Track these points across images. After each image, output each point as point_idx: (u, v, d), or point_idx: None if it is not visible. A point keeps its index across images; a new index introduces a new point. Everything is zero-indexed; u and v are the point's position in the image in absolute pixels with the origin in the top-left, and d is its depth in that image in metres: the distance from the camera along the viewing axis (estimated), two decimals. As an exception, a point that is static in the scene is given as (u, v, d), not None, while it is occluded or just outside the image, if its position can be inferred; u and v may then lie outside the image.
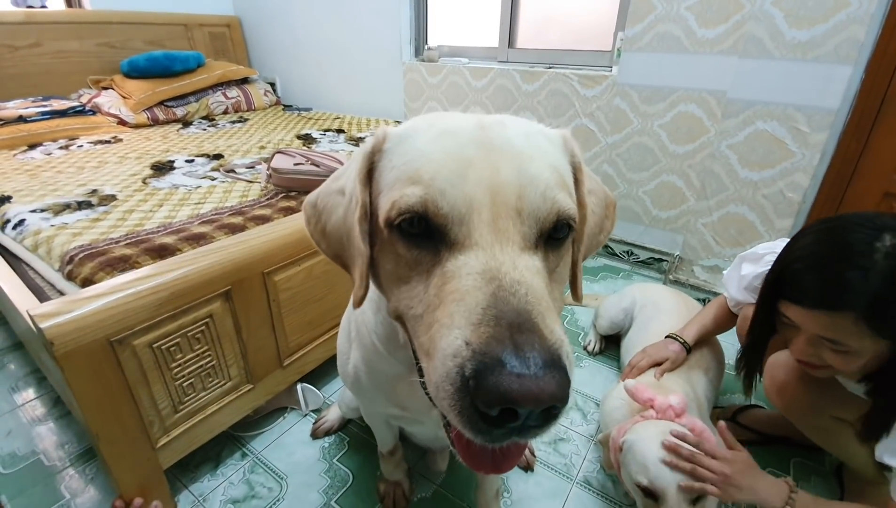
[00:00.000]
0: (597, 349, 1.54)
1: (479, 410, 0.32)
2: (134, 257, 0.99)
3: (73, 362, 0.79)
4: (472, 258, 0.36)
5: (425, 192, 0.38)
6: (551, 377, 0.31)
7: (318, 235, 0.53)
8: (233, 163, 1.70)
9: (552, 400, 0.31)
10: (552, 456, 1.18)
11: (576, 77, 1.96)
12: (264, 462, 1.16)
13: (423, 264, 0.40)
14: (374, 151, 0.46)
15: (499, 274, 0.35)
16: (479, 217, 0.37)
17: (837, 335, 0.69)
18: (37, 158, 1.80)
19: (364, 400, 0.79)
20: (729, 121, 1.58)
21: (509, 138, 0.42)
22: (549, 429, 0.34)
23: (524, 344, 0.31)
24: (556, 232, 0.41)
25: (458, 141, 0.41)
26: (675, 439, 0.80)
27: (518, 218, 0.38)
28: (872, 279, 0.64)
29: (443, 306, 0.36)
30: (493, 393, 0.30)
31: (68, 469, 1.14)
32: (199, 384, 1.02)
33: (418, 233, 0.39)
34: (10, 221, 1.23)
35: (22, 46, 2.32)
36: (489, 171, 0.39)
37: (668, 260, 1.98)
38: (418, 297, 0.40)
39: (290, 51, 3.00)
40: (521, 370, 0.30)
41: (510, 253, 0.37)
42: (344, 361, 0.73)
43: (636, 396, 0.89)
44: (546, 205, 0.39)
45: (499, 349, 0.31)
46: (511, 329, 0.32)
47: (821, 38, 1.37)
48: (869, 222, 0.68)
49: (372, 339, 0.63)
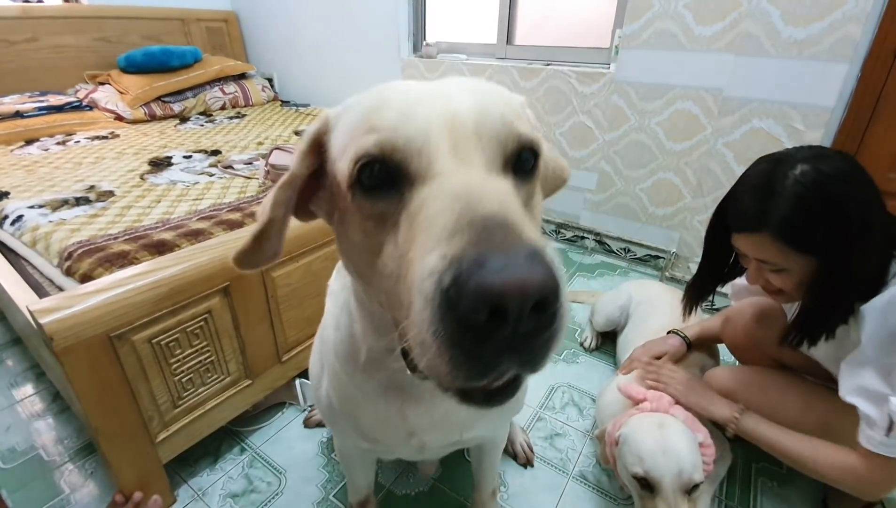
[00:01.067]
0: (593, 345, 1.55)
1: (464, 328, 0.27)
2: (133, 252, 1.00)
3: (73, 357, 0.80)
4: (437, 186, 0.33)
5: (379, 134, 0.36)
6: (536, 266, 0.27)
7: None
8: (230, 159, 1.70)
9: (541, 290, 0.27)
10: (548, 451, 1.19)
11: (574, 74, 1.96)
12: (263, 457, 1.17)
13: (389, 216, 0.36)
14: (321, 130, 0.44)
15: (468, 189, 0.32)
16: (438, 146, 0.35)
17: (766, 255, 0.78)
18: (34, 154, 1.80)
19: (337, 431, 0.75)
20: (725, 119, 1.58)
21: (462, 82, 0.41)
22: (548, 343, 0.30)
23: (502, 241, 0.28)
24: (521, 162, 0.39)
25: (407, 88, 0.40)
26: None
27: (479, 142, 0.36)
28: (781, 203, 0.73)
29: (414, 244, 0.32)
30: (476, 291, 0.26)
31: (68, 463, 1.14)
32: (198, 380, 1.03)
33: (381, 184, 0.37)
34: (8, 216, 1.23)
35: (18, 41, 2.30)
36: (442, 102, 0.37)
37: (665, 257, 2.00)
38: (391, 256, 0.36)
39: (288, 46, 2.99)
40: (504, 261, 0.27)
41: (476, 175, 0.34)
42: (316, 384, 0.70)
43: (628, 392, 0.90)
44: (506, 128, 0.37)
45: (475, 251, 0.27)
46: (487, 232, 0.28)
47: (817, 36, 1.38)
48: (794, 155, 0.77)
49: (332, 359, 0.61)
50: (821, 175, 0.72)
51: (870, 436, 0.75)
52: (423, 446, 0.65)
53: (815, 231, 0.73)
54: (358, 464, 0.89)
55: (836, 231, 0.72)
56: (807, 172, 0.73)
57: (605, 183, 2.07)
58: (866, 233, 0.71)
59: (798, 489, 1.09)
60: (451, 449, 0.81)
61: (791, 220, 0.73)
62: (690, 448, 0.81)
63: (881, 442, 0.73)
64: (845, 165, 0.73)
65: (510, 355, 0.29)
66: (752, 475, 1.13)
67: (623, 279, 1.98)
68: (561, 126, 2.09)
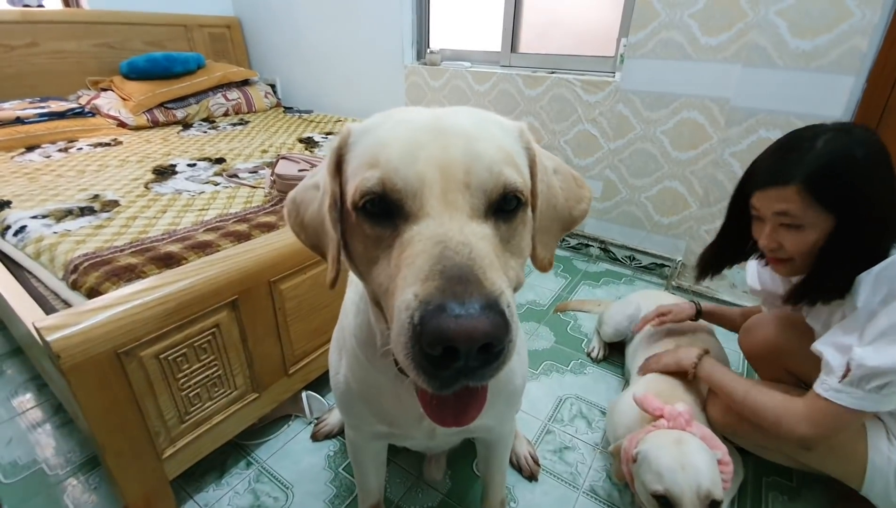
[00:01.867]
0: (600, 355, 1.54)
1: (427, 356, 0.35)
2: (140, 265, 0.98)
3: (80, 374, 0.78)
4: (424, 227, 0.40)
5: (382, 173, 0.42)
6: (485, 317, 0.34)
7: (298, 227, 0.57)
8: (235, 168, 1.69)
9: (486, 337, 0.34)
10: (558, 465, 1.18)
11: (578, 82, 1.96)
12: (269, 471, 1.15)
13: (385, 239, 0.44)
14: (341, 145, 0.50)
15: (445, 238, 0.39)
16: (430, 191, 0.41)
17: (788, 207, 0.80)
18: (35, 161, 1.78)
19: (353, 418, 0.78)
20: (732, 129, 1.58)
21: (460, 123, 0.46)
22: (494, 370, 0.38)
23: (463, 292, 0.35)
24: (505, 204, 0.44)
25: (412, 127, 0.45)
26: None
27: (466, 191, 0.42)
28: (811, 158, 0.78)
29: (400, 273, 0.40)
30: (433, 334, 0.34)
31: (71, 478, 1.13)
32: (205, 394, 1.02)
33: (380, 212, 0.44)
34: (11, 227, 1.22)
35: (18, 46, 2.29)
36: (439, 151, 0.42)
37: (671, 266, 1.99)
38: (385, 272, 0.43)
39: (291, 52, 2.98)
40: (459, 311, 0.34)
41: (458, 221, 0.40)
42: (335, 373, 0.74)
43: (645, 406, 0.90)
44: (492, 178, 0.43)
45: (440, 298, 0.35)
46: (452, 282, 0.36)
47: (824, 48, 1.38)
48: (824, 125, 0.82)
49: (353, 343, 0.66)
50: (850, 140, 0.78)
51: (824, 381, 0.79)
52: (434, 430, 0.70)
53: (840, 189, 0.77)
54: (370, 461, 0.90)
55: (859, 194, 0.77)
56: (838, 136, 0.78)
57: (609, 191, 2.07)
58: (885, 203, 0.77)
59: (809, 503, 1.08)
60: (461, 437, 0.90)
61: (820, 173, 0.77)
62: (710, 465, 0.80)
63: (832, 387, 0.77)
64: (872, 137, 0.79)
65: (463, 377, 0.37)
66: (762, 489, 1.12)
67: (628, 288, 1.98)
68: (566, 134, 2.08)
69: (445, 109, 0.50)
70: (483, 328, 0.34)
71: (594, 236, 2.18)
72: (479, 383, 0.39)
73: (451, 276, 0.36)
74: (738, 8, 1.54)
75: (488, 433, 0.83)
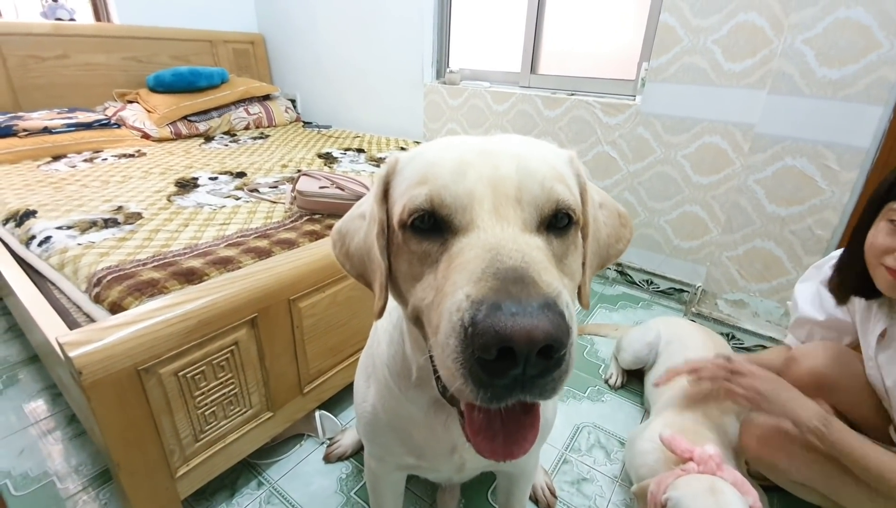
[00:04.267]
0: (619, 383, 1.50)
1: (480, 361, 0.32)
2: (162, 281, 0.98)
3: (100, 390, 0.78)
4: (475, 237, 0.39)
5: (431, 189, 0.41)
6: (545, 316, 0.32)
7: (343, 257, 0.57)
8: (256, 182, 1.71)
9: (547, 338, 0.31)
10: (576, 497, 1.14)
11: (598, 105, 1.96)
12: (280, 492, 1.13)
13: (432, 254, 0.42)
14: (389, 173, 0.50)
15: (498, 246, 0.37)
16: (481, 206, 0.40)
17: None
18: (61, 171, 1.81)
19: (378, 448, 0.75)
20: (757, 156, 1.56)
21: (511, 145, 0.45)
22: (555, 383, 0.35)
23: (520, 291, 0.33)
24: (556, 221, 0.43)
25: (461, 150, 0.45)
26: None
27: (518, 205, 0.41)
28: None
29: (449, 279, 0.38)
30: (488, 332, 0.31)
31: (81, 493, 1.11)
32: (221, 413, 1.00)
33: (428, 229, 0.42)
34: (36, 237, 1.23)
35: (49, 58, 2.35)
36: (489, 168, 0.42)
37: (690, 291, 1.96)
38: (430, 285, 0.42)
39: (312, 68, 3.04)
40: (516, 309, 0.31)
41: (511, 232, 0.39)
42: (361, 401, 0.72)
43: (673, 447, 0.86)
44: (544, 193, 0.42)
45: (495, 297, 0.33)
46: (508, 281, 0.34)
47: (851, 78, 1.36)
48: None
49: (385, 373, 0.64)
50: None
51: None
52: (464, 464, 0.67)
53: None
54: (388, 491, 0.88)
55: None
56: None
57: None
58: None
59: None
60: (487, 469, 0.85)
61: None
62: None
63: None
64: None
65: (519, 389, 0.34)
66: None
67: (646, 312, 1.94)
68: (584, 156, 2.08)
69: (496, 135, 0.49)
70: (544, 327, 0.31)
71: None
72: (538, 398, 0.35)
73: (506, 277, 0.34)
74: (763, 35, 1.54)
75: (514, 466, 0.80)
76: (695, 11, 1.63)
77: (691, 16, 1.64)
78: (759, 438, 0.94)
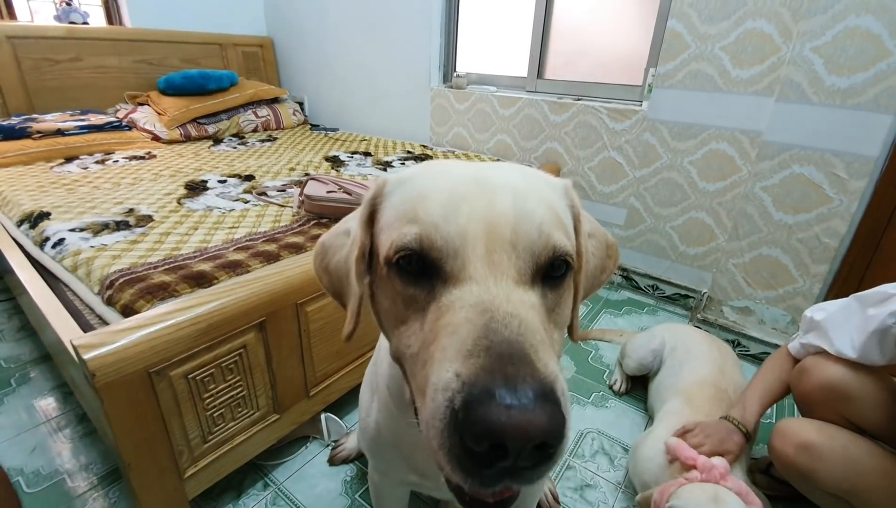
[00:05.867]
0: (623, 389, 1.51)
1: (468, 448, 0.30)
2: (173, 284, 1.00)
3: (113, 392, 0.79)
4: (466, 292, 0.36)
5: (421, 229, 0.38)
6: (542, 411, 0.29)
7: (322, 271, 0.55)
8: (264, 185, 1.72)
9: (543, 435, 0.29)
10: (579, 504, 1.15)
11: (605, 110, 1.97)
12: (286, 494, 1.14)
13: (418, 301, 0.40)
14: (376, 196, 0.48)
15: (492, 307, 0.35)
16: (474, 251, 0.37)
17: None
18: (73, 172, 1.84)
19: (381, 463, 0.74)
20: (764, 163, 1.56)
21: (506, 176, 0.43)
22: (544, 472, 0.32)
23: (515, 376, 0.30)
24: (553, 270, 0.41)
25: (454, 179, 0.42)
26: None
27: (513, 251, 0.38)
28: None
29: (436, 341, 0.35)
30: (480, 426, 0.29)
31: (91, 491, 1.13)
32: (229, 415, 1.02)
33: (415, 271, 0.40)
34: (50, 239, 1.25)
35: (62, 60, 2.39)
36: (484, 204, 0.39)
37: (695, 297, 1.95)
38: (415, 335, 0.39)
39: (320, 71, 3.06)
40: (511, 401, 0.29)
41: (504, 287, 0.36)
42: (365, 415, 0.70)
43: (678, 454, 0.87)
44: (542, 240, 0.39)
45: (488, 381, 0.30)
46: (502, 360, 0.31)
47: (861, 87, 1.36)
48: None
49: (385, 393, 0.62)
50: None
51: None
52: None
53: None
54: (392, 504, 0.87)
55: None
56: None
57: (634, 219, 2.05)
58: None
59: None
60: None
61: None
62: (746, 523, 0.77)
63: None
64: None
65: (508, 477, 0.31)
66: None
67: (651, 318, 1.94)
68: (590, 161, 2.08)
69: (489, 163, 0.47)
70: (540, 425, 0.29)
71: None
72: (525, 485, 0.33)
73: (501, 354, 0.31)
74: (771, 42, 1.54)
75: None
76: (703, 18, 1.63)
77: (699, 22, 1.64)
78: (797, 446, 0.91)
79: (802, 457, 0.90)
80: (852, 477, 0.85)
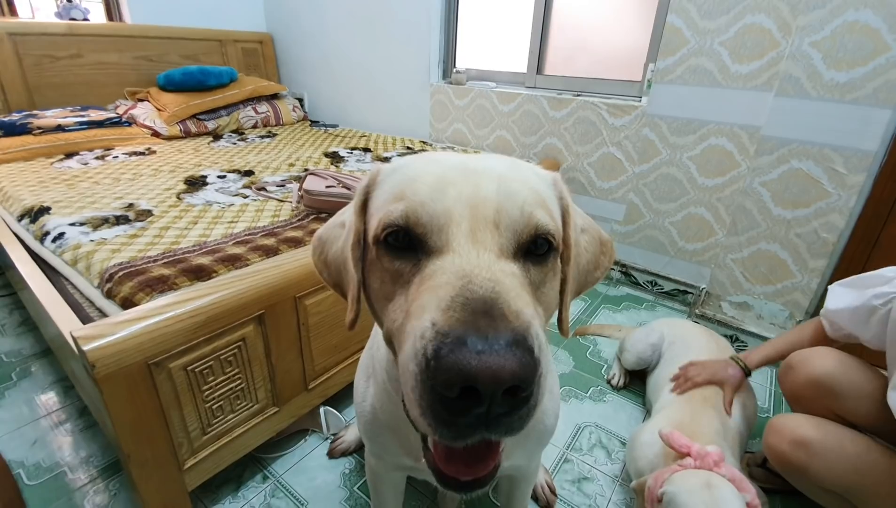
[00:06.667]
0: (621, 383, 1.51)
1: (442, 398, 0.31)
2: (172, 277, 1.01)
3: (113, 384, 0.80)
4: (448, 261, 0.38)
5: (407, 205, 0.40)
6: (512, 354, 0.30)
7: (321, 264, 0.56)
8: (263, 180, 1.73)
9: (514, 378, 0.30)
10: (576, 496, 1.15)
11: (604, 106, 1.97)
12: (285, 486, 1.15)
13: (404, 275, 0.41)
14: (370, 184, 0.49)
15: (471, 273, 0.36)
16: (458, 228, 0.39)
17: None
18: (73, 168, 1.85)
19: (377, 447, 0.75)
20: (763, 158, 1.56)
21: (493, 165, 0.44)
22: (521, 420, 0.33)
23: (488, 325, 0.31)
24: (535, 248, 0.42)
25: (443, 166, 0.44)
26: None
27: (496, 230, 0.39)
28: None
29: (416, 302, 0.37)
30: (451, 370, 0.30)
31: (91, 484, 1.14)
32: (228, 407, 1.02)
33: (402, 246, 0.41)
34: (50, 233, 1.26)
35: (63, 57, 2.40)
36: (470, 188, 0.41)
37: (694, 293, 1.95)
38: (400, 307, 0.40)
39: (319, 68, 3.06)
40: (482, 347, 0.30)
41: (486, 258, 0.38)
42: (361, 400, 0.72)
43: (672, 442, 0.87)
44: (524, 218, 0.40)
45: (461, 330, 0.31)
46: (475, 314, 0.32)
47: (860, 81, 1.36)
48: None
49: (383, 376, 0.63)
50: None
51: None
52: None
53: None
54: (389, 490, 0.88)
55: None
56: None
57: (633, 215, 2.05)
58: None
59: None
60: None
61: None
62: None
63: None
64: None
65: (483, 427, 0.32)
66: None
67: (649, 313, 1.94)
68: (589, 157, 2.08)
69: (478, 154, 0.48)
70: (511, 367, 0.30)
71: (615, 259, 2.15)
72: (503, 436, 0.34)
73: (475, 309, 0.33)
74: (770, 37, 1.54)
75: (515, 470, 0.81)
76: (702, 13, 1.63)
77: (698, 17, 1.64)
78: (791, 442, 0.91)
79: (797, 453, 0.91)
80: (851, 474, 0.86)
